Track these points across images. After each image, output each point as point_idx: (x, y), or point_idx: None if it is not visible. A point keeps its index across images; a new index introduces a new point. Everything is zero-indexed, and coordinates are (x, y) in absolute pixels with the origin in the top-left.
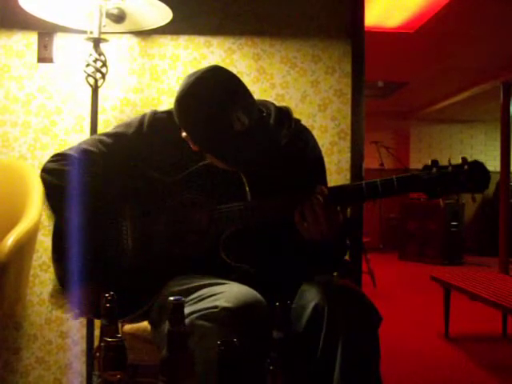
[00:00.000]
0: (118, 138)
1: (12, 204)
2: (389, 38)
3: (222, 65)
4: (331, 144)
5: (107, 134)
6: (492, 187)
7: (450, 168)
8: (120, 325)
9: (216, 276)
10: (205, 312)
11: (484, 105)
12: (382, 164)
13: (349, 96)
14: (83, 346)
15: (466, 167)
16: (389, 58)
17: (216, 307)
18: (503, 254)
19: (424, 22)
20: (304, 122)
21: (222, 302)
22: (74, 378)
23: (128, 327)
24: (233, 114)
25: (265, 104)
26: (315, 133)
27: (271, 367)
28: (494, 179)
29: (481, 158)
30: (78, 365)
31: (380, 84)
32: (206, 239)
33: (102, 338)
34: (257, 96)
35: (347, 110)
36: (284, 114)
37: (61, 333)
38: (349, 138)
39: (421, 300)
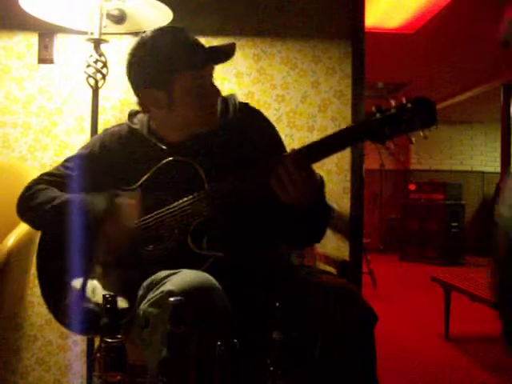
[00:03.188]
0: (78, 160)
1: (12, 205)
2: (389, 38)
3: (222, 65)
4: None
5: (68, 159)
6: (492, 188)
7: (393, 110)
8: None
9: (188, 268)
10: (153, 299)
11: (484, 106)
12: (382, 165)
13: (349, 97)
14: (83, 346)
15: (409, 105)
16: (389, 58)
17: (161, 292)
18: None
19: (424, 22)
20: (304, 122)
21: (167, 286)
22: (75, 378)
23: None
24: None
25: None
26: (315, 134)
27: (271, 368)
28: (495, 180)
29: (481, 159)
30: (79, 365)
31: (380, 85)
32: (174, 234)
33: (103, 339)
34: (257, 96)
35: (347, 110)
36: (228, 96)
37: (61, 333)
38: None
39: (421, 301)
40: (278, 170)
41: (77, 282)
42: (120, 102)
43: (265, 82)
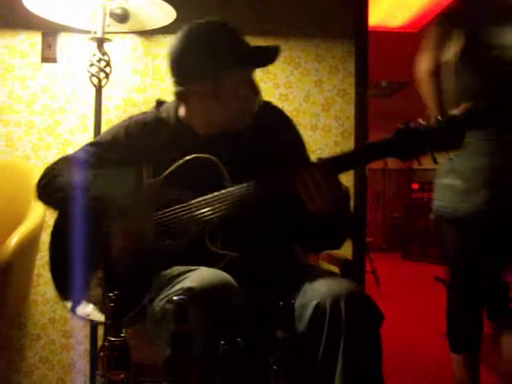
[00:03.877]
0: (99, 146)
1: (16, 204)
2: (392, 37)
3: None
4: (335, 144)
5: (90, 144)
6: None
7: (422, 126)
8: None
9: (202, 266)
10: (172, 295)
11: None
12: (386, 164)
13: (352, 96)
14: (87, 345)
15: (437, 124)
16: (392, 57)
17: (181, 289)
18: None
19: (428, 21)
20: (307, 121)
21: (186, 282)
22: (78, 377)
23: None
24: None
25: None
26: (318, 133)
27: (274, 367)
28: None
29: None
30: (82, 364)
31: (384, 84)
32: (191, 231)
33: (106, 338)
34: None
35: (351, 109)
36: None
37: (64, 332)
38: (352, 137)
39: (424, 299)
40: (305, 178)
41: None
42: (123, 100)
43: (268, 81)
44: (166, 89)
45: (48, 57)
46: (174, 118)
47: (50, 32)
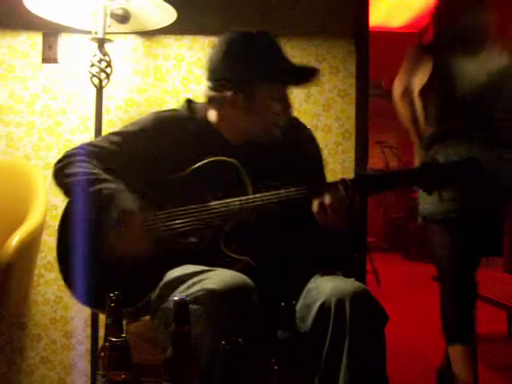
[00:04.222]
0: (123, 137)
1: (17, 204)
2: (393, 37)
3: None
4: (335, 144)
5: (113, 133)
6: None
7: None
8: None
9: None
10: (192, 296)
11: None
12: (387, 165)
13: (353, 96)
14: (88, 345)
15: (457, 166)
16: (393, 57)
17: (203, 290)
18: (507, 254)
19: (428, 21)
20: (308, 121)
21: (208, 284)
22: (79, 377)
23: (133, 327)
24: None
25: None
26: (319, 133)
27: (276, 367)
28: None
29: None
30: (83, 364)
31: (384, 84)
32: (208, 232)
33: (107, 338)
34: None
35: (351, 110)
36: None
37: (65, 332)
38: (353, 138)
39: (425, 299)
40: (324, 196)
41: None
42: (124, 101)
43: None
44: (166, 89)
45: (49, 57)
46: (203, 120)
47: (50, 32)
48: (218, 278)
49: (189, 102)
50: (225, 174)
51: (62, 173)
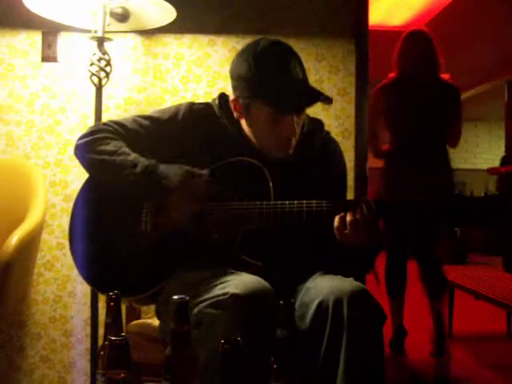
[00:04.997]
0: (152, 121)
1: (16, 203)
2: (393, 37)
3: (226, 64)
4: None
5: (142, 116)
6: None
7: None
8: (127, 303)
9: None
10: (214, 300)
11: (489, 103)
12: None
13: (353, 95)
14: (87, 344)
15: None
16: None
17: (225, 294)
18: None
19: (428, 20)
20: None
21: (231, 288)
22: (78, 376)
23: (133, 325)
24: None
25: None
26: None
27: (275, 366)
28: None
29: (485, 157)
30: (82, 363)
31: None
32: (224, 232)
33: (107, 337)
34: None
35: (351, 109)
36: (316, 123)
37: (65, 331)
38: (353, 137)
39: (424, 299)
40: (347, 215)
41: None
42: (124, 99)
43: None
44: (166, 88)
45: (48, 56)
46: (232, 118)
47: (50, 31)
48: (240, 282)
49: (221, 96)
50: (251, 176)
51: (92, 148)
